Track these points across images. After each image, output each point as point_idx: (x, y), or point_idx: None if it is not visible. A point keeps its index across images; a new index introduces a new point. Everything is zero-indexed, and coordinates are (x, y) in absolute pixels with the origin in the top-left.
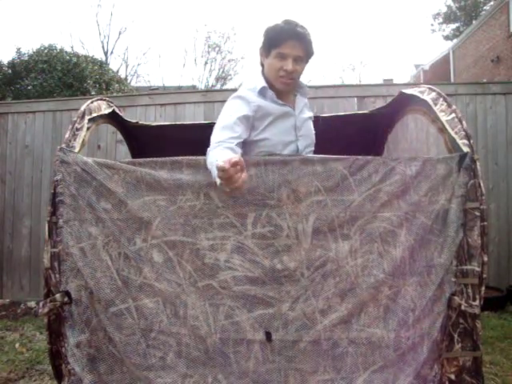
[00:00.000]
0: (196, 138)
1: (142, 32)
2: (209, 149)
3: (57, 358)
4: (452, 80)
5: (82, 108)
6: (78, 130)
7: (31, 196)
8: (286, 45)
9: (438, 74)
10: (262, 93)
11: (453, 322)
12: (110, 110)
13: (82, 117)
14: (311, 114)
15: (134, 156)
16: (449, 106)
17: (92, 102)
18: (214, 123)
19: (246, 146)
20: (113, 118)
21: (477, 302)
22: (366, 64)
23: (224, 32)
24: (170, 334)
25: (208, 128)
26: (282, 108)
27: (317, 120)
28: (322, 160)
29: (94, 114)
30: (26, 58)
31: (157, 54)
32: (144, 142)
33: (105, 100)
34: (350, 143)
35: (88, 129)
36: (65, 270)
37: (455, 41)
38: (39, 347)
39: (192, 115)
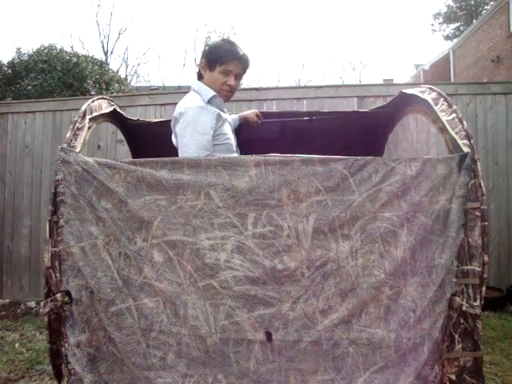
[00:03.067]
0: None
1: (142, 32)
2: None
3: (57, 357)
4: (452, 80)
5: (83, 107)
6: (78, 129)
7: (31, 196)
8: (231, 63)
9: (438, 73)
10: (210, 100)
11: (453, 323)
12: (111, 109)
13: (83, 116)
14: None
15: (134, 155)
16: (449, 106)
17: (93, 101)
18: None
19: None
20: (114, 117)
21: (477, 303)
22: (366, 64)
23: (224, 32)
24: (171, 334)
25: None
26: (225, 114)
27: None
28: (323, 160)
29: (95, 114)
30: (26, 58)
31: (157, 54)
32: (145, 140)
33: (105, 99)
34: (351, 144)
35: (89, 128)
36: (65, 270)
37: (455, 41)
38: (39, 347)
39: None
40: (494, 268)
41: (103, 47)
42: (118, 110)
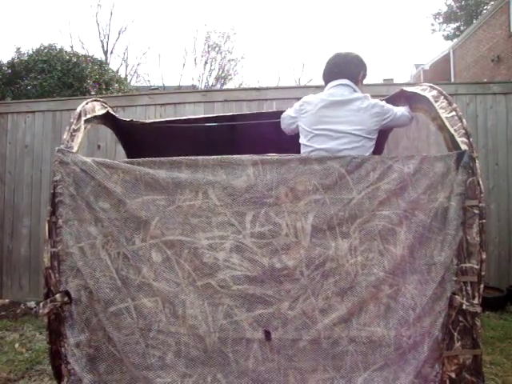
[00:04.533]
0: (195, 133)
1: (141, 32)
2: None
3: (57, 357)
4: (452, 80)
5: (78, 109)
6: (75, 130)
7: (31, 196)
8: None
9: (438, 73)
10: None
11: (452, 320)
12: (104, 111)
13: (79, 118)
14: None
15: (129, 156)
16: (449, 103)
17: (87, 103)
18: (208, 117)
19: None
20: (107, 119)
21: (476, 300)
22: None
23: (224, 32)
24: (169, 334)
25: (206, 122)
26: None
27: None
28: (320, 158)
29: (89, 116)
30: (26, 58)
31: (157, 54)
32: (140, 141)
33: (99, 101)
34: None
35: (85, 129)
36: (64, 270)
37: (455, 40)
38: (39, 347)
39: (192, 115)
40: (494, 268)
41: (103, 47)
42: (111, 112)
